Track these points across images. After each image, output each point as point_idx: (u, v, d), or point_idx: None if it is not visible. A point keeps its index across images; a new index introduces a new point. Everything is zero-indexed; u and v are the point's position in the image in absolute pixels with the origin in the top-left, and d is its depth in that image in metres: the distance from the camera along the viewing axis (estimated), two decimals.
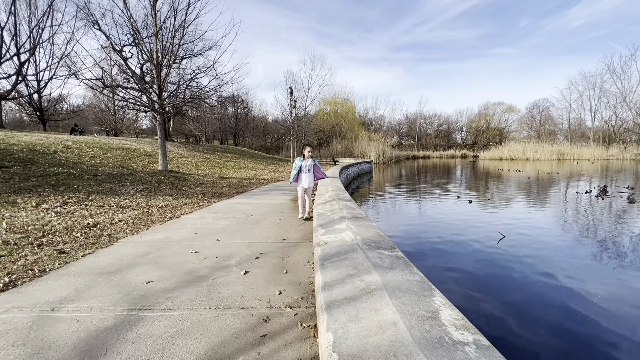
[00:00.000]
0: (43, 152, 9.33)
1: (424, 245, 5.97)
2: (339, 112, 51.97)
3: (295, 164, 5.12)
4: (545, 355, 2.71)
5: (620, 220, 7.55)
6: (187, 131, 36.63)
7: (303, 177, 5.08)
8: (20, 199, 5.49)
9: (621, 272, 4.48)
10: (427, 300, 1.26)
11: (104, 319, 2.06)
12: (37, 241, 3.72)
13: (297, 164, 5.09)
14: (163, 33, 10.86)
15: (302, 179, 5.09)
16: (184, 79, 15.54)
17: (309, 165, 5.11)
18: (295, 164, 5.11)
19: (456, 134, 72.90)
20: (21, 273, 2.83)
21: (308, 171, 5.10)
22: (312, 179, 5.15)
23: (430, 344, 0.95)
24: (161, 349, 1.74)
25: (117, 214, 5.39)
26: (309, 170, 5.10)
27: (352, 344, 1.00)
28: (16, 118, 35.68)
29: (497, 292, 3.91)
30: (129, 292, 2.45)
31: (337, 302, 1.29)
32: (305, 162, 5.08)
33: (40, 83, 21.39)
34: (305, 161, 5.09)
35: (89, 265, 3.06)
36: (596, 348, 2.81)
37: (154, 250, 3.55)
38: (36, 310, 2.19)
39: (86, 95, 34.24)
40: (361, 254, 1.81)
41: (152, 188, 8.21)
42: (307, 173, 5.09)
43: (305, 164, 5.08)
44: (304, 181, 5.08)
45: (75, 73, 12.11)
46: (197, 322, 2.02)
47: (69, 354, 1.70)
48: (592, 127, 50.61)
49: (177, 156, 15.91)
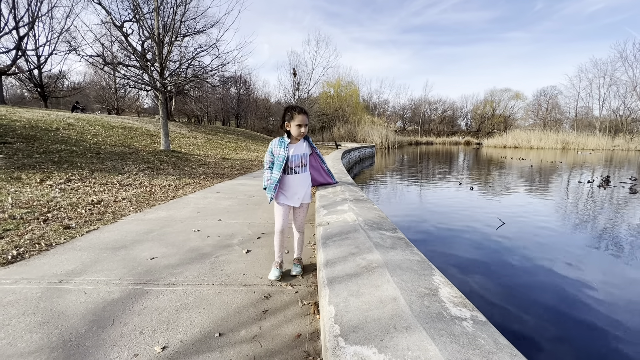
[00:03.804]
0: (45, 129, 9.30)
1: (424, 229, 6.03)
2: (342, 95, 51.22)
3: (273, 154, 2.37)
4: (539, 335, 2.79)
5: (621, 210, 7.57)
6: (189, 111, 36.30)
7: (290, 182, 2.38)
8: (25, 174, 5.53)
9: (620, 261, 4.53)
10: (426, 278, 1.28)
11: (110, 291, 2.12)
12: (42, 216, 3.77)
13: (278, 155, 2.34)
14: (164, 9, 10.58)
15: (287, 187, 2.38)
16: (185, 58, 15.27)
17: (302, 154, 2.41)
18: (274, 155, 2.37)
19: (460, 120, 72.17)
20: (28, 246, 2.89)
21: (300, 168, 2.40)
22: (309, 186, 2.51)
23: (429, 318, 0.98)
24: (166, 321, 1.80)
25: (120, 192, 5.43)
26: (301, 167, 2.41)
27: (353, 316, 1.03)
28: (17, 94, 35.40)
29: (495, 277, 3.98)
30: (133, 267, 2.51)
31: (339, 278, 1.32)
32: (293, 150, 2.36)
33: (40, 58, 21.08)
34: (295, 145, 2.38)
35: (94, 241, 3.12)
36: (591, 332, 2.88)
37: (157, 228, 3.60)
38: (44, 282, 2.25)
39: (87, 73, 33.84)
40: (363, 234, 1.84)
41: (154, 167, 8.24)
42: (299, 174, 2.40)
43: (296, 154, 2.37)
44: (291, 192, 2.38)
45: (75, 49, 11.89)
46: (201, 297, 2.07)
47: (78, 323, 1.76)
48: (600, 117, 49.86)
49: (179, 136, 15.85)
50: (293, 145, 2.37)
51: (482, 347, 0.86)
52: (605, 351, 2.64)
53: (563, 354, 2.59)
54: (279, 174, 2.30)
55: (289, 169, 2.35)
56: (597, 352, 2.63)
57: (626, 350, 2.62)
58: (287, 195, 2.38)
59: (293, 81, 27.89)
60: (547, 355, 2.57)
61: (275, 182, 2.30)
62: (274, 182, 2.31)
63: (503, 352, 0.85)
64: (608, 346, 2.69)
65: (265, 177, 2.41)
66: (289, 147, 2.34)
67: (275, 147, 2.35)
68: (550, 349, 2.63)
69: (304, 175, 2.45)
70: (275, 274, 2.34)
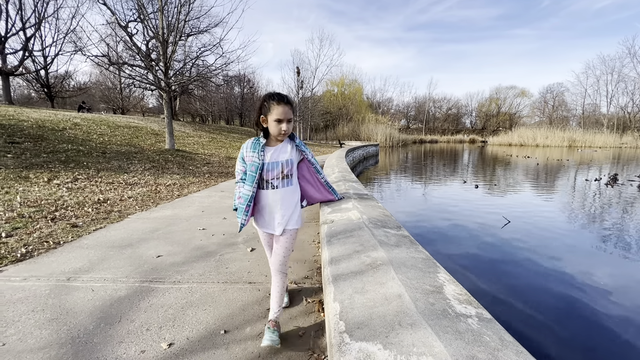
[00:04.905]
0: (52, 129, 9.41)
1: (429, 227, 6.00)
2: (346, 94, 51.16)
3: (245, 160, 1.72)
4: (545, 332, 2.77)
5: (629, 208, 7.47)
6: (193, 110, 36.47)
7: (266, 201, 1.70)
8: (32, 174, 5.60)
9: (627, 260, 4.48)
10: (431, 276, 1.28)
11: (117, 289, 2.15)
12: (50, 215, 3.83)
13: (251, 162, 1.65)
14: (168, 8, 10.64)
15: (262, 207, 1.73)
16: (189, 57, 15.33)
17: (284, 162, 1.69)
18: (246, 162, 1.71)
19: (465, 118, 71.75)
20: (37, 245, 2.94)
21: (281, 181, 1.70)
22: (296, 205, 1.78)
23: (434, 315, 0.98)
24: (172, 318, 1.82)
25: (126, 190, 5.49)
26: (283, 179, 1.70)
27: (359, 313, 1.03)
28: (24, 94, 35.82)
29: (500, 275, 3.96)
30: (140, 265, 2.54)
31: (344, 276, 1.32)
32: (271, 154, 1.67)
33: (46, 59, 21.28)
34: (275, 149, 1.69)
35: (101, 239, 3.16)
36: (597, 331, 2.86)
37: (163, 226, 3.63)
38: (53, 279, 2.28)
39: (92, 73, 34.11)
40: (367, 232, 1.84)
41: (159, 166, 8.30)
42: (280, 189, 1.69)
43: (274, 160, 1.67)
44: (269, 215, 1.73)
45: (81, 49, 11.99)
46: (206, 295, 2.09)
47: (86, 320, 1.79)
48: (607, 114, 49.22)
49: (184, 135, 15.95)
50: (271, 148, 1.67)
51: (487, 344, 0.85)
52: (612, 350, 2.61)
53: (569, 352, 2.58)
54: (251, 189, 1.62)
55: (264, 182, 1.67)
56: (603, 351, 2.61)
57: (634, 350, 2.60)
58: (265, 217, 1.73)
59: (296, 80, 27.89)
60: (552, 353, 2.55)
61: (247, 200, 1.63)
62: (245, 201, 1.64)
63: (508, 348, 0.85)
64: (614, 345, 2.67)
65: (236, 194, 1.77)
66: (265, 151, 1.65)
67: (247, 151, 1.67)
68: (556, 347, 2.61)
69: (288, 190, 1.70)
70: (271, 339, 1.51)
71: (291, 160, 1.71)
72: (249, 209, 1.66)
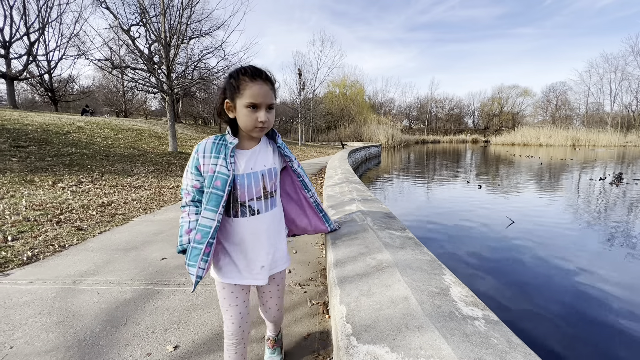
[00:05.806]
0: (56, 132, 9.49)
1: (432, 228, 5.98)
2: (348, 95, 51.20)
3: (200, 171, 1.06)
4: (552, 334, 2.75)
5: (635, 207, 7.41)
6: (196, 113, 36.59)
7: (243, 235, 1.09)
8: (37, 177, 5.65)
9: (634, 260, 4.44)
10: (437, 278, 1.28)
11: (123, 292, 2.16)
12: (55, 218, 3.85)
13: (214, 174, 1.02)
14: (170, 12, 10.70)
15: (237, 244, 1.10)
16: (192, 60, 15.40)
17: (266, 171, 1.12)
18: (202, 174, 1.07)
19: (468, 118, 71.51)
20: (42, 248, 2.96)
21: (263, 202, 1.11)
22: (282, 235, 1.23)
23: (440, 318, 0.98)
24: (177, 320, 1.82)
25: (130, 193, 5.51)
26: (264, 199, 1.11)
27: (365, 316, 1.03)
28: (28, 98, 36.13)
29: (505, 276, 3.93)
30: (144, 268, 2.55)
31: (349, 278, 1.32)
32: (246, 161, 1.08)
33: (50, 63, 21.44)
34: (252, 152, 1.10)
35: (106, 242, 3.17)
36: (606, 333, 2.83)
37: (167, 229, 3.64)
38: (59, 282, 2.29)
39: (95, 76, 34.36)
40: (372, 234, 1.84)
41: (162, 169, 8.33)
42: (262, 214, 1.11)
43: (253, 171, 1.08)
44: (247, 256, 1.10)
45: (84, 53, 12.13)
46: (211, 297, 2.09)
47: (92, 323, 1.80)
48: (611, 112, 48.90)
49: (186, 138, 16.01)
50: (245, 152, 1.10)
51: (495, 347, 0.85)
52: (621, 352, 2.59)
53: (578, 355, 2.55)
54: (215, 218, 1.02)
55: (238, 206, 1.08)
56: (611, 353, 2.58)
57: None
58: (237, 263, 1.11)
59: (298, 81, 27.93)
60: (561, 355, 2.53)
61: (207, 236, 1.02)
62: (205, 238, 1.02)
63: (516, 351, 0.84)
64: (623, 347, 2.64)
65: (184, 226, 1.11)
66: (236, 157, 1.08)
67: (204, 157, 1.06)
68: (564, 349, 2.59)
69: (272, 214, 1.16)
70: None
71: (275, 170, 1.16)
72: (209, 250, 1.03)
